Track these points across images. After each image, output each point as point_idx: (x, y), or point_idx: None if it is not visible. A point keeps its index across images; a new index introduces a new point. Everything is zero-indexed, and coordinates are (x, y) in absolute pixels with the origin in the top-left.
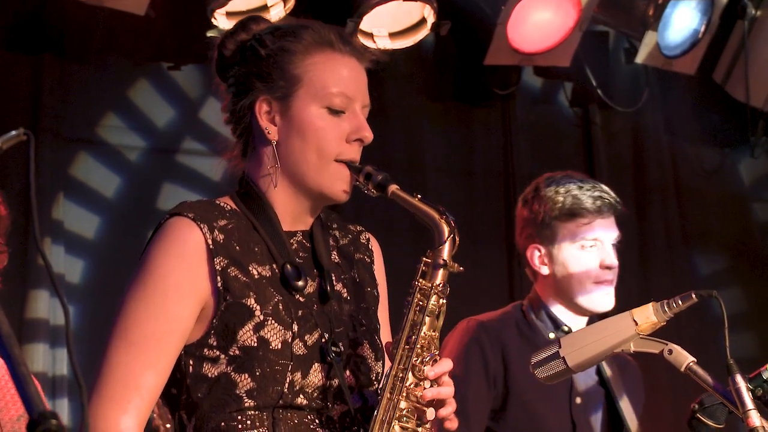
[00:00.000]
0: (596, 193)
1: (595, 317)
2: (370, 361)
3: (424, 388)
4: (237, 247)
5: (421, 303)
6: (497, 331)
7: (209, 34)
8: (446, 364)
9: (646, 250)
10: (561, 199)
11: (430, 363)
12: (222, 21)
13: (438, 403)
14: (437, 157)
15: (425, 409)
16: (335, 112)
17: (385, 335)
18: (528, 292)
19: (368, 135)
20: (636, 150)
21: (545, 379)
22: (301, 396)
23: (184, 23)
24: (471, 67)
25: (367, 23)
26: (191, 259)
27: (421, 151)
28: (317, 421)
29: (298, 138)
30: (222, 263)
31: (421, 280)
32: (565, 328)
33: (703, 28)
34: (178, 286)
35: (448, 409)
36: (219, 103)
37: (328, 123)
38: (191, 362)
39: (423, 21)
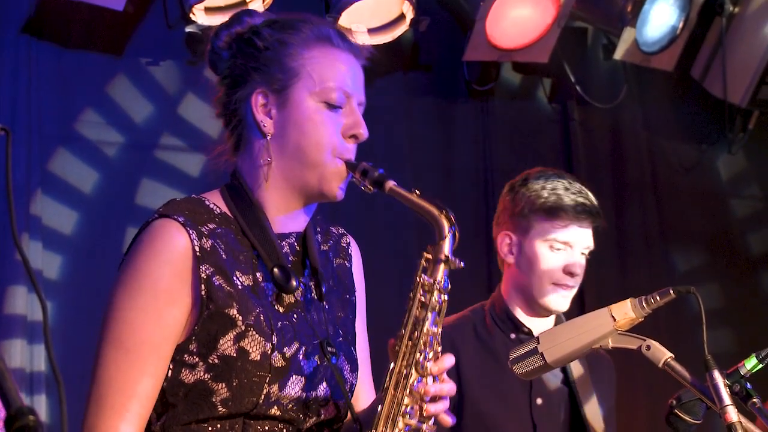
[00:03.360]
0: (580, 199)
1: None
2: (345, 372)
3: (427, 384)
4: (223, 255)
5: (423, 299)
6: (450, 335)
7: (188, 29)
8: (449, 360)
9: (623, 246)
10: (545, 194)
11: (433, 359)
12: (200, 16)
13: (439, 399)
14: (416, 152)
15: (427, 404)
16: (333, 107)
17: (361, 343)
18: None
19: (363, 132)
20: (614, 146)
21: (524, 375)
22: (276, 407)
23: (163, 18)
24: (450, 63)
25: (345, 19)
26: (179, 265)
27: (400, 146)
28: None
29: (295, 131)
30: (207, 271)
31: (422, 275)
32: (525, 329)
33: (681, 25)
34: (169, 292)
35: (442, 405)
36: (198, 99)
37: (326, 117)
38: (170, 366)
39: (402, 17)
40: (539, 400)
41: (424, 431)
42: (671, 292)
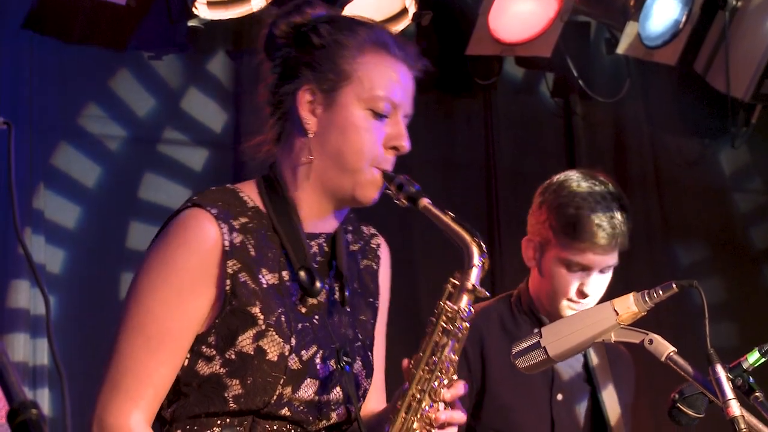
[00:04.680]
0: (604, 223)
1: None
2: (360, 378)
3: (438, 411)
4: (251, 252)
5: (445, 326)
6: (477, 325)
7: (190, 23)
8: (461, 388)
9: None
10: (569, 212)
11: (447, 386)
12: (203, 10)
13: (448, 426)
14: (418, 147)
15: (436, 430)
16: (378, 115)
17: (378, 347)
18: (510, 286)
19: (406, 145)
20: (617, 140)
21: (526, 369)
22: (287, 408)
23: (165, 13)
24: (452, 58)
25: (348, 13)
26: (208, 257)
27: None
28: None
29: (338, 135)
30: (234, 267)
31: (447, 302)
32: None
33: (684, 19)
34: (194, 284)
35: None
36: (200, 93)
37: (370, 125)
38: (187, 356)
39: (404, 11)
40: (560, 396)
41: None
42: (674, 286)
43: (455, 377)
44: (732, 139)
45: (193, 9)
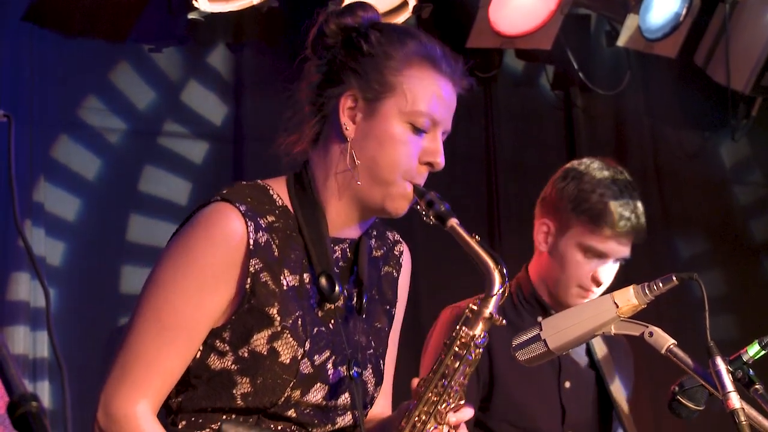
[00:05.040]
0: (627, 213)
1: None
2: (369, 385)
3: None
4: (275, 252)
5: (458, 350)
6: None
7: (190, 16)
8: (467, 413)
9: None
10: (594, 199)
11: (454, 411)
12: (203, 3)
13: None
14: None
15: None
16: (417, 130)
17: (390, 354)
18: (509, 277)
19: (440, 162)
20: (617, 133)
21: (526, 362)
22: (293, 410)
23: (165, 5)
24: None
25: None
26: (233, 254)
27: None
28: None
29: (375, 145)
30: (257, 266)
31: (464, 327)
32: (552, 313)
33: (684, 11)
34: (216, 278)
35: None
36: (200, 86)
37: (408, 139)
38: (200, 348)
39: (405, 3)
40: (567, 384)
41: None
42: (674, 278)
43: (462, 402)
44: (732, 131)
45: (194, 1)
